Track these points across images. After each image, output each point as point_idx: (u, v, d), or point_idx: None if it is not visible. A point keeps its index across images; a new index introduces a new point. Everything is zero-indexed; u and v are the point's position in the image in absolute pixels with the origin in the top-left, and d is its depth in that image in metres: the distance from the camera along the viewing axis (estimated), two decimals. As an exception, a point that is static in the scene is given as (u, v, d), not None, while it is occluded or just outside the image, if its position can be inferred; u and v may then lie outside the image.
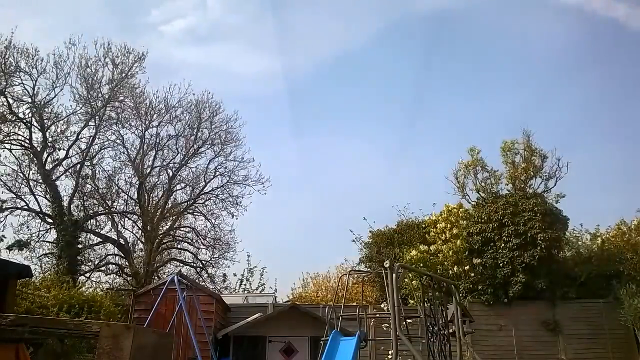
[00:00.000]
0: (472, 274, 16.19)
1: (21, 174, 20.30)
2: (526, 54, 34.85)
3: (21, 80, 19.75)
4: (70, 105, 20.71)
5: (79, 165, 20.89)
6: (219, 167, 23.11)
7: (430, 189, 35.92)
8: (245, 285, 24.32)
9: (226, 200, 23.04)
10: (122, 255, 21.91)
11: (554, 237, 16.01)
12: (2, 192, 19.79)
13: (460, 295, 14.82)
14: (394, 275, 8.06)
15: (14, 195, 20.11)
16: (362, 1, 35.82)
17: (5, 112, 19.32)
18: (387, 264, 8.21)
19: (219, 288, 22.38)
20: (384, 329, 12.10)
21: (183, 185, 23.25)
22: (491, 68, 35.43)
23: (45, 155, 20.16)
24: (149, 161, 22.49)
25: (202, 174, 22.97)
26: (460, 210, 17.73)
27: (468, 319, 11.85)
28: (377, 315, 12.83)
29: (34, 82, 19.83)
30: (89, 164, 21.34)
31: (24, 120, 19.89)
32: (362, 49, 37.12)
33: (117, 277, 22.41)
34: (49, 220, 20.26)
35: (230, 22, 38.89)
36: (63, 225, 19.20)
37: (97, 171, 21.81)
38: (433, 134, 38.04)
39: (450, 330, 10.07)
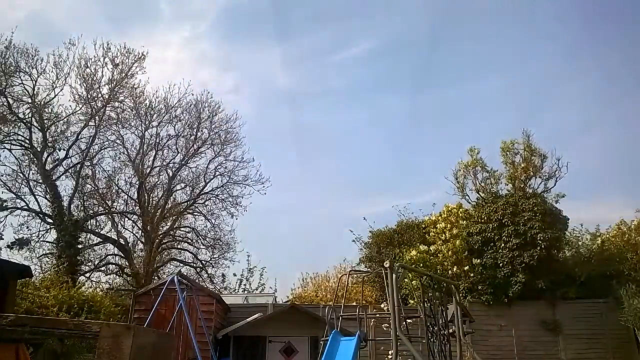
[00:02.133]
0: (472, 274, 16.17)
1: (21, 174, 20.32)
2: (527, 53, 34.85)
3: (21, 80, 19.79)
4: (70, 106, 20.74)
5: (79, 166, 20.90)
6: (219, 167, 23.15)
7: (430, 189, 35.96)
8: (245, 285, 24.35)
9: (226, 201, 23.06)
10: (122, 255, 21.91)
11: (554, 237, 16.00)
12: (2, 192, 19.84)
13: (460, 295, 14.82)
14: (394, 275, 8.07)
15: (14, 195, 20.14)
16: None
17: (5, 112, 19.32)
18: (387, 264, 8.21)
19: (218, 288, 22.39)
20: (384, 329, 12.10)
21: (183, 185, 23.27)
22: (491, 66, 35.45)
23: (45, 155, 20.17)
24: (149, 161, 22.51)
25: (202, 174, 23.00)
26: (460, 210, 17.72)
27: (468, 319, 11.84)
28: (377, 315, 12.83)
29: (33, 82, 19.87)
30: (89, 164, 21.36)
31: (24, 121, 19.90)
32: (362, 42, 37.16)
33: (117, 277, 22.43)
34: (49, 220, 20.26)
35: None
36: (63, 225, 19.19)
37: (97, 171, 21.85)
38: (433, 132, 38.12)
39: (450, 330, 10.07)
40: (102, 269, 21.98)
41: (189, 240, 23.43)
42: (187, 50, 36.93)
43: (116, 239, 21.65)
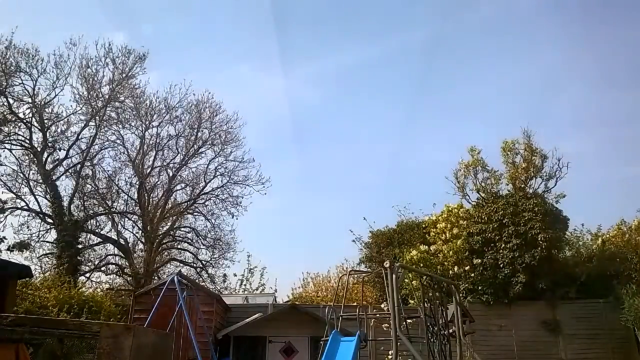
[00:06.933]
0: (473, 274, 16.15)
1: (21, 174, 20.34)
2: (528, 51, 34.84)
3: (21, 80, 19.83)
4: (71, 106, 20.82)
5: (79, 166, 20.92)
6: (219, 167, 23.19)
7: (430, 189, 35.96)
8: (245, 285, 24.34)
9: (226, 201, 23.10)
10: (122, 255, 21.91)
11: (555, 237, 15.98)
12: (2, 192, 19.84)
13: (461, 295, 14.79)
14: (394, 275, 8.06)
15: (14, 196, 20.14)
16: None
17: (5, 112, 19.33)
18: (387, 264, 8.20)
19: (219, 288, 22.40)
20: (384, 329, 12.08)
21: (183, 185, 23.32)
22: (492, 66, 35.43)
23: (45, 155, 20.18)
24: (149, 161, 22.54)
25: (202, 174, 23.03)
26: (461, 210, 17.68)
27: (468, 319, 11.82)
28: (377, 315, 12.80)
29: (34, 82, 19.90)
30: (89, 164, 21.38)
31: (24, 121, 19.92)
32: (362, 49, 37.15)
33: (117, 277, 22.43)
34: (49, 220, 20.26)
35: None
36: (63, 226, 19.20)
37: (97, 171, 21.87)
38: (433, 132, 38.11)
39: (450, 331, 10.06)
40: (102, 269, 22.00)
41: (189, 240, 23.45)
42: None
43: (116, 239, 21.66)
